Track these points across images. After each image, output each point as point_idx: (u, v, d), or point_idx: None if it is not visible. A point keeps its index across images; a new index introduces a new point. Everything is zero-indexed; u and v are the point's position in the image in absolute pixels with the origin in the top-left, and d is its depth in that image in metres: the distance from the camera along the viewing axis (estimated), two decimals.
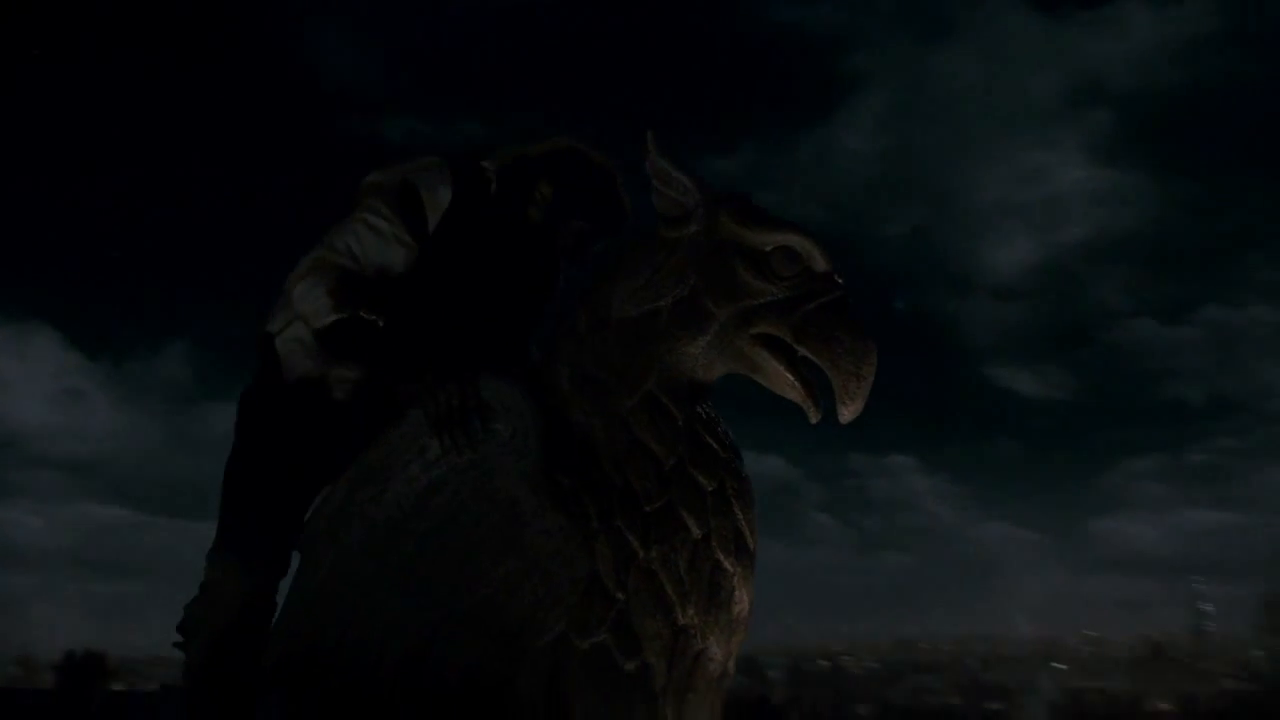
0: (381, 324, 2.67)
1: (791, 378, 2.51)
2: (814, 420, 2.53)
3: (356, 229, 2.79)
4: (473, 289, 2.92)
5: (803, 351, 2.49)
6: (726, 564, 2.51)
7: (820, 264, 2.53)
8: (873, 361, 2.45)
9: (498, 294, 2.97)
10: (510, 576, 2.49)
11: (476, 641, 2.50)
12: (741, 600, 2.56)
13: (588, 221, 2.96)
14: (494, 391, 2.60)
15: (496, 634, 2.49)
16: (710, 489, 2.52)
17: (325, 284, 2.72)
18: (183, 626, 2.86)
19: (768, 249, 2.54)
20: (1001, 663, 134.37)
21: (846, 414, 2.45)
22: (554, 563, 2.49)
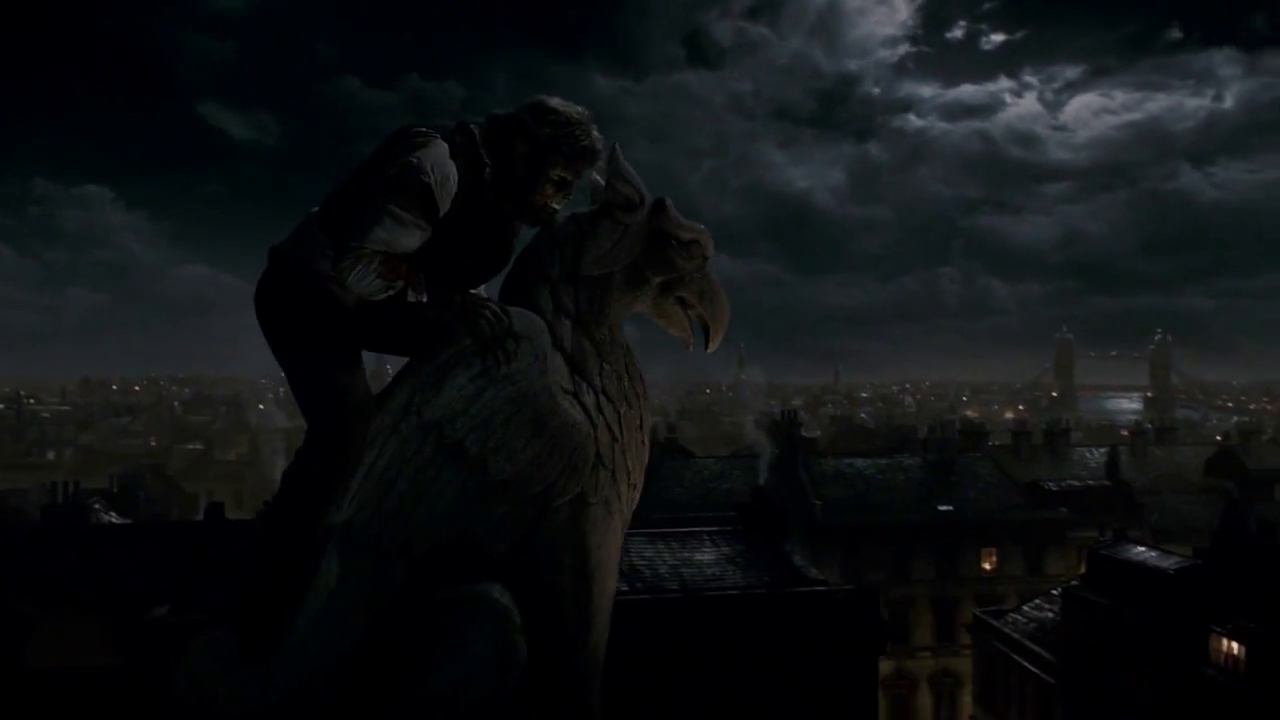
0: (424, 297, 3.49)
1: (686, 323, 3.79)
2: (689, 348, 3.82)
3: (387, 221, 3.34)
4: (478, 243, 3.61)
5: (696, 307, 3.76)
6: (646, 441, 3.77)
7: (711, 251, 3.77)
8: (728, 314, 3.81)
9: (494, 243, 3.66)
10: (538, 457, 3.43)
11: (505, 503, 3.44)
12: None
13: (563, 166, 3.63)
14: (521, 320, 3.47)
15: (523, 497, 3.44)
16: (639, 393, 3.72)
17: (374, 270, 3.37)
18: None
19: (687, 240, 3.69)
20: (205, 404, 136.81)
21: (713, 347, 3.81)
22: (571, 446, 3.48)
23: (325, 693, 3.35)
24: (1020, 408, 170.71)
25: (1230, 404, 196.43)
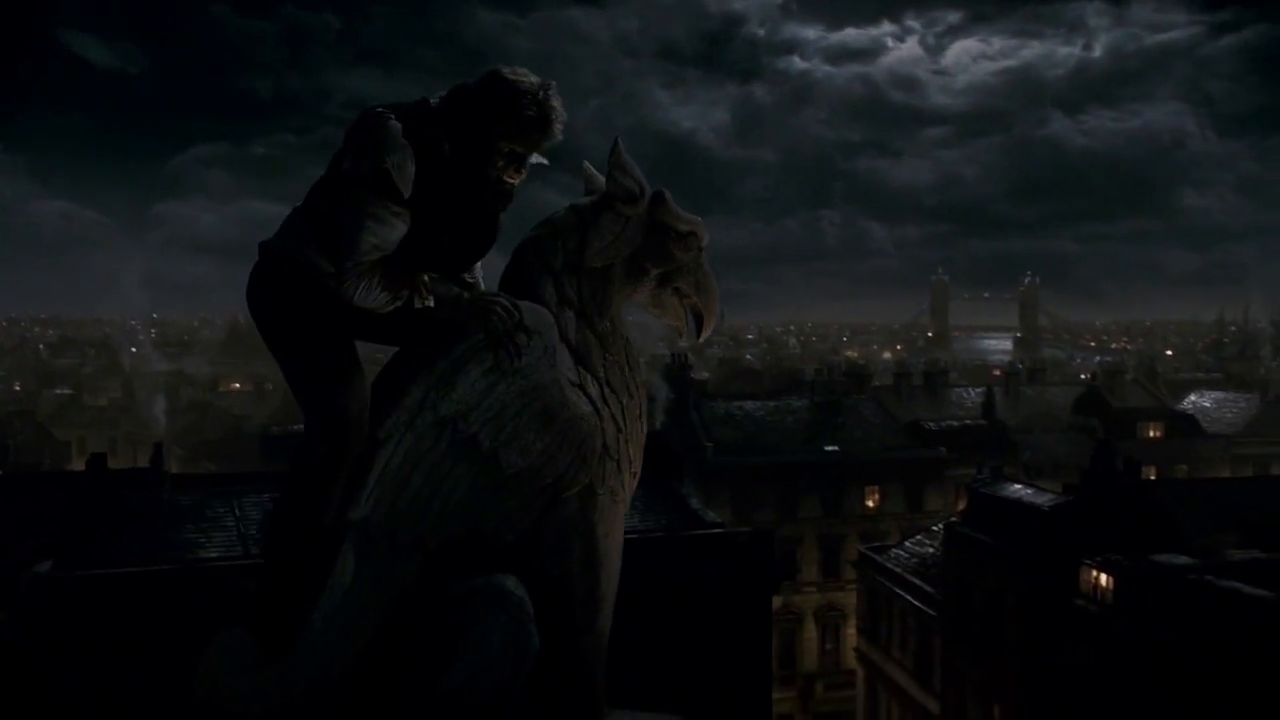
0: (430, 303, 3.42)
1: (683, 313, 3.81)
2: (685, 340, 3.88)
3: (369, 224, 3.29)
4: (455, 222, 3.52)
5: (691, 298, 3.80)
6: (645, 429, 3.83)
7: (705, 241, 3.80)
8: (719, 303, 3.86)
9: (472, 221, 3.59)
10: (548, 449, 3.48)
11: (517, 495, 3.48)
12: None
13: (509, 138, 3.49)
14: (532, 315, 3.50)
15: (534, 489, 3.48)
16: (639, 382, 3.76)
17: (377, 283, 3.32)
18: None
19: (684, 231, 3.71)
20: (72, 346, 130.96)
21: (705, 335, 3.85)
22: (580, 438, 3.53)
23: (343, 688, 3.40)
24: (898, 348, 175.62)
25: (1093, 343, 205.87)
